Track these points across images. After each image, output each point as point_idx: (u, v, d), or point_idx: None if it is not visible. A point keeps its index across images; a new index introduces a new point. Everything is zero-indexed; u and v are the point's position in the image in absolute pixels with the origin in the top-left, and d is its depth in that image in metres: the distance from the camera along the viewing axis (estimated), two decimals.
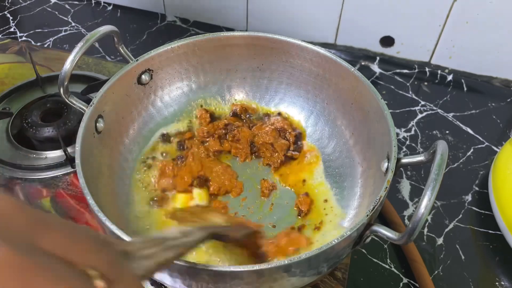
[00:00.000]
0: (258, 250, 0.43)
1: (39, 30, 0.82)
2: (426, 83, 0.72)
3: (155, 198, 0.50)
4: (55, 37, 0.81)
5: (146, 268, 0.26)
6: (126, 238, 0.34)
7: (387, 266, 0.50)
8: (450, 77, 0.73)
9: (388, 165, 0.42)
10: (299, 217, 0.49)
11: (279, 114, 0.58)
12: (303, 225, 0.48)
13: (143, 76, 0.53)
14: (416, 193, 0.57)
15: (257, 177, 0.53)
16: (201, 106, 0.58)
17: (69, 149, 0.56)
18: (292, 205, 0.50)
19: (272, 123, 0.57)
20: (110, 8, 0.88)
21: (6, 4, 0.88)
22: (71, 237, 0.18)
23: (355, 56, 0.77)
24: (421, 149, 0.62)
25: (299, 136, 0.56)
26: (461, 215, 0.54)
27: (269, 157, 0.54)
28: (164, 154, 0.54)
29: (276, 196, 0.51)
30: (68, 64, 0.45)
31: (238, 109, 0.58)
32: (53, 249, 0.17)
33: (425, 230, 0.53)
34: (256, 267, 0.33)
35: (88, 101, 0.47)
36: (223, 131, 0.56)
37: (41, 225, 0.17)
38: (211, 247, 0.44)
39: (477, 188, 0.57)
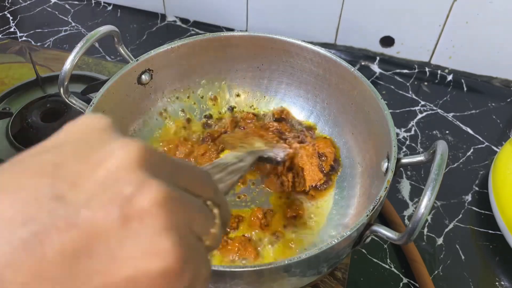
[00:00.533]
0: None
1: (39, 30, 0.82)
2: (426, 83, 0.72)
3: None
4: (55, 37, 0.81)
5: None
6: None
7: (387, 266, 0.50)
8: (450, 77, 0.73)
9: (388, 165, 0.42)
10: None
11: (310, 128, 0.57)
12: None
13: (143, 76, 0.53)
14: (416, 193, 0.57)
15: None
16: (201, 106, 0.58)
17: None
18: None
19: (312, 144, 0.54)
20: (110, 8, 0.88)
21: (6, 4, 0.88)
22: (192, 173, 0.21)
23: (355, 56, 0.77)
24: (421, 149, 0.62)
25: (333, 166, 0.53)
26: (461, 215, 0.54)
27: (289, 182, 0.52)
28: None
29: None
30: (68, 64, 0.45)
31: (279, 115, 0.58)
32: (186, 185, 0.20)
33: (425, 230, 0.53)
34: (256, 267, 0.33)
35: (88, 101, 0.47)
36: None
37: (177, 166, 0.20)
38: None
39: (477, 188, 0.57)
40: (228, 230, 0.47)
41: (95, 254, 0.16)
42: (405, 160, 0.41)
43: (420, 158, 0.40)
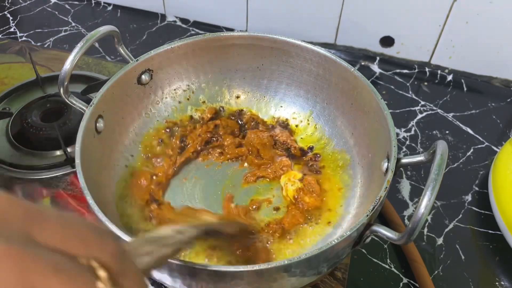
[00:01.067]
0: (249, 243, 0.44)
1: (39, 30, 0.82)
2: (426, 83, 0.72)
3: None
4: (55, 37, 0.81)
5: (145, 264, 0.26)
6: (127, 238, 0.35)
7: (387, 266, 0.50)
8: (450, 77, 0.73)
9: (388, 165, 0.42)
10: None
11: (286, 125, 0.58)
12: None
13: (143, 76, 0.53)
14: (416, 193, 0.57)
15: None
16: (202, 105, 0.58)
17: (69, 149, 0.56)
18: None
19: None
20: (110, 8, 0.88)
21: (6, 4, 0.88)
22: (70, 228, 0.18)
23: (355, 56, 0.77)
24: (421, 149, 0.62)
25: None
26: (461, 215, 0.54)
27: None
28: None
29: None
30: (68, 64, 0.45)
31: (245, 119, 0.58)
32: (52, 241, 0.17)
33: (425, 230, 0.53)
34: (256, 267, 0.33)
35: (88, 101, 0.47)
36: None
37: (37, 218, 0.17)
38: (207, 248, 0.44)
39: (477, 188, 0.57)
40: None
41: None
42: (405, 160, 0.41)
43: (420, 158, 0.40)
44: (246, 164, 0.54)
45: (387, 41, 0.74)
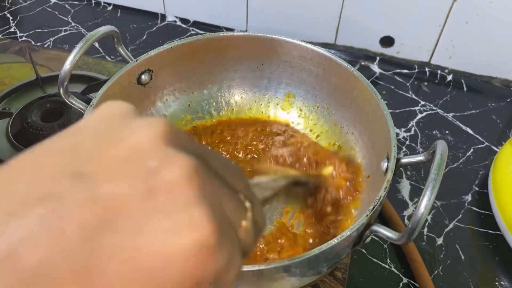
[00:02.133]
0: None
1: (39, 30, 0.82)
2: (426, 83, 0.72)
3: None
4: (55, 37, 0.81)
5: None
6: None
7: (387, 266, 0.50)
8: (450, 77, 0.73)
9: (387, 165, 0.42)
10: None
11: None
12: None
13: (143, 76, 0.52)
14: (416, 193, 0.57)
15: None
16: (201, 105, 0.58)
17: None
18: None
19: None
20: (110, 8, 0.88)
21: (6, 4, 0.88)
22: (223, 162, 0.20)
23: (355, 56, 0.77)
24: (421, 149, 0.62)
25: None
26: (461, 215, 0.54)
27: None
28: None
29: None
30: (68, 64, 0.45)
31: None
32: (216, 170, 0.18)
33: (425, 230, 0.53)
34: (256, 267, 0.33)
35: (88, 101, 0.47)
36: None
37: (206, 151, 0.19)
38: None
39: (477, 188, 0.57)
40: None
41: (119, 228, 0.15)
42: (405, 160, 0.41)
43: (420, 158, 0.40)
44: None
45: (387, 41, 0.74)
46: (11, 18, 0.85)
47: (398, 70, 0.75)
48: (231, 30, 0.83)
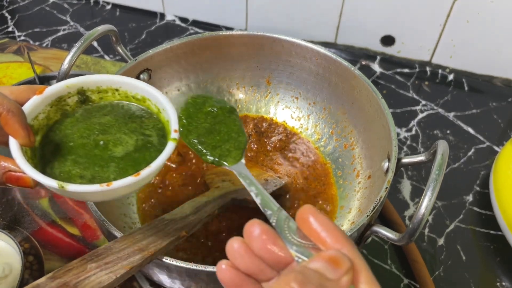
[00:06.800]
0: None
1: (38, 29, 0.82)
2: (427, 83, 0.72)
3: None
4: (54, 36, 0.81)
5: None
6: (118, 235, 0.34)
7: (387, 267, 0.49)
8: (451, 77, 0.73)
9: (388, 165, 0.42)
10: None
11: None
12: None
13: (141, 76, 0.52)
14: (417, 193, 0.56)
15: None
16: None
17: None
18: None
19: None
20: (109, 7, 0.87)
21: (4, 3, 0.88)
22: None
23: (356, 55, 0.77)
24: (422, 149, 0.62)
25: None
26: (462, 216, 0.54)
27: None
28: None
29: None
30: (66, 64, 0.45)
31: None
32: None
33: (426, 230, 0.52)
34: None
35: None
36: None
37: None
38: None
39: (478, 188, 0.57)
40: None
41: None
42: (405, 160, 0.40)
43: (420, 158, 0.40)
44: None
45: (387, 40, 0.74)
46: (9, 17, 0.85)
47: (398, 70, 0.74)
48: (231, 29, 0.82)
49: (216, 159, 0.32)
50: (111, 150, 0.31)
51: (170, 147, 0.30)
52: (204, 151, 0.32)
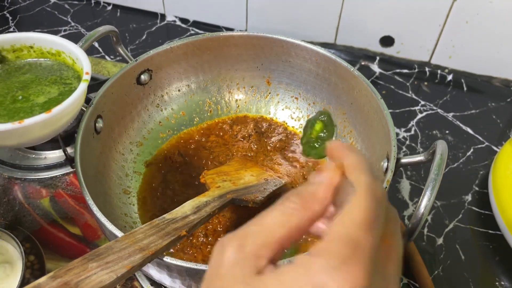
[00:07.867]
0: None
1: (39, 30, 0.82)
2: (426, 83, 0.72)
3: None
4: None
5: None
6: (119, 234, 0.34)
7: None
8: (450, 77, 0.73)
9: (387, 164, 0.42)
10: None
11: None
12: None
13: (142, 76, 0.52)
14: (416, 193, 0.56)
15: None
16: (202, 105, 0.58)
17: (68, 149, 0.56)
18: None
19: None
20: (109, 8, 0.88)
21: (6, 4, 0.88)
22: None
23: (355, 56, 0.77)
24: (421, 149, 0.62)
25: None
26: (461, 215, 0.54)
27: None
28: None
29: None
30: None
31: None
32: None
33: (425, 230, 0.53)
34: None
35: (87, 101, 0.47)
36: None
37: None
38: None
39: (477, 188, 0.57)
40: None
41: None
42: (405, 160, 0.41)
43: (420, 158, 0.40)
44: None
45: (387, 41, 0.74)
46: (10, 18, 0.85)
47: (398, 70, 0.74)
48: (231, 29, 0.82)
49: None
50: (34, 100, 0.34)
51: (81, 87, 0.33)
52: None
